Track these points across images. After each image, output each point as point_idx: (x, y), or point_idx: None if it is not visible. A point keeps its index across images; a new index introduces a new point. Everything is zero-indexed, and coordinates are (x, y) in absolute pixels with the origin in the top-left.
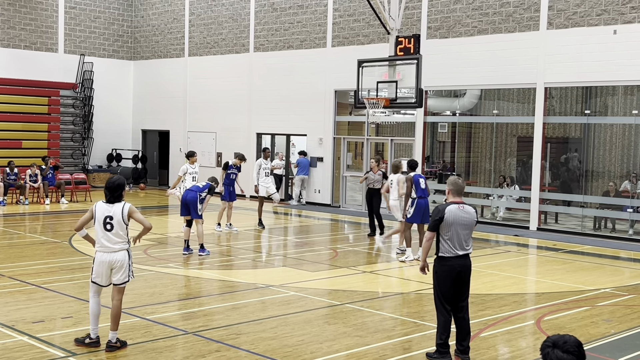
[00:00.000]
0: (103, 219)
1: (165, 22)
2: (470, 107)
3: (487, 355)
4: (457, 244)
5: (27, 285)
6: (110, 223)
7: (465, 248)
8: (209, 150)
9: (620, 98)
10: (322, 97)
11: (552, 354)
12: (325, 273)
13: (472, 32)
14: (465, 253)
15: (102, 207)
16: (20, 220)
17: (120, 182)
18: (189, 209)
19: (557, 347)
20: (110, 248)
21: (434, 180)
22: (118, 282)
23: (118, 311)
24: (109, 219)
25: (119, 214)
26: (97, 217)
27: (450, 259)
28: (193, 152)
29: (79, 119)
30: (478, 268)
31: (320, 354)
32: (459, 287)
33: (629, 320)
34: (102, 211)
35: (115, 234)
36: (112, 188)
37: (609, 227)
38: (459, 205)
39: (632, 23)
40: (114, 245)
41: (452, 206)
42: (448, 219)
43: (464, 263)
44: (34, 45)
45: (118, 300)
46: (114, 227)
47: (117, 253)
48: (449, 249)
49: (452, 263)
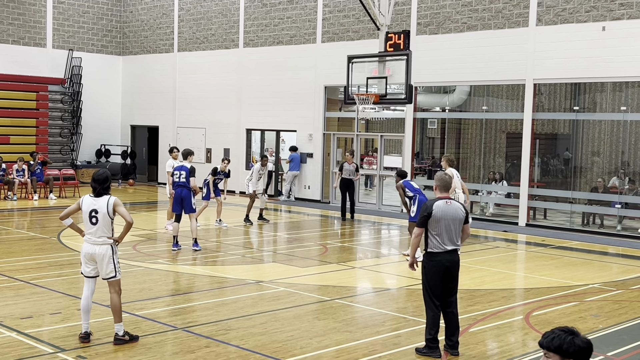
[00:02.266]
0: (89, 212)
1: (155, 17)
2: (460, 103)
3: (476, 350)
4: (446, 240)
5: (15, 281)
6: (95, 217)
7: (455, 243)
8: (199, 145)
9: (609, 94)
10: (312, 93)
11: (577, 340)
12: (314, 269)
13: (462, 28)
14: (453, 248)
15: (88, 201)
16: (9, 216)
17: (106, 175)
18: (183, 204)
19: (574, 334)
20: (95, 241)
21: (423, 176)
22: (106, 276)
23: (115, 304)
24: (94, 212)
25: (104, 207)
26: (84, 210)
27: (438, 255)
28: (172, 149)
29: (68, 115)
30: (467, 264)
31: (310, 349)
32: (447, 282)
33: (617, 315)
34: (88, 205)
35: (99, 228)
36: (100, 180)
37: (597, 222)
38: (446, 201)
39: (620, 20)
40: (98, 238)
41: (440, 202)
42: (436, 214)
43: (452, 258)
44: (22, 40)
45: (114, 294)
46: (99, 221)
47: (101, 246)
48: (438, 245)
49: (441, 258)
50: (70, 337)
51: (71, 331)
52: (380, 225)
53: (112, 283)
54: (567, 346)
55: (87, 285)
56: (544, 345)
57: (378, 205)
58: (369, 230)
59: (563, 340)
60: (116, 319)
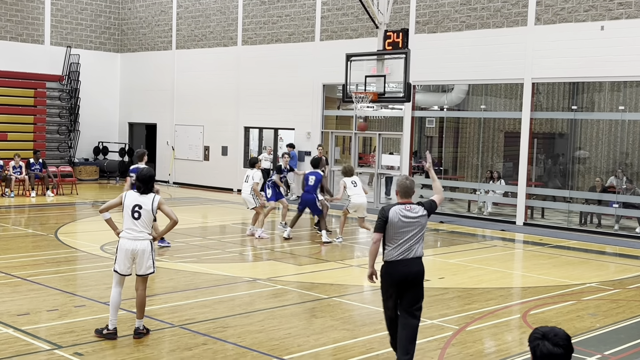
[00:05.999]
0: (132, 207)
1: (153, 15)
2: (458, 102)
3: (473, 349)
4: (403, 247)
5: (12, 277)
6: (138, 212)
7: (414, 252)
8: (197, 143)
9: (607, 94)
10: (310, 91)
11: (542, 345)
12: (312, 267)
13: (460, 27)
14: (414, 257)
15: (133, 196)
16: (6, 212)
17: (151, 174)
18: None
19: (547, 339)
20: (135, 236)
21: (420, 175)
22: (143, 272)
23: (143, 300)
24: (137, 207)
25: (149, 204)
26: (127, 204)
27: (394, 264)
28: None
29: (65, 112)
30: (465, 262)
31: (308, 347)
32: (407, 292)
33: (614, 314)
34: (132, 200)
35: (142, 223)
36: (145, 180)
37: (595, 222)
38: (405, 206)
39: (619, 19)
40: (139, 233)
41: (397, 207)
42: (392, 220)
43: (410, 268)
44: (20, 37)
45: (142, 290)
46: (141, 217)
47: (142, 242)
48: (393, 253)
49: (397, 268)
50: (67, 334)
51: (68, 328)
52: None
53: (145, 279)
54: (534, 348)
55: (119, 283)
56: None
57: (376, 204)
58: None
59: (531, 342)
60: (140, 315)
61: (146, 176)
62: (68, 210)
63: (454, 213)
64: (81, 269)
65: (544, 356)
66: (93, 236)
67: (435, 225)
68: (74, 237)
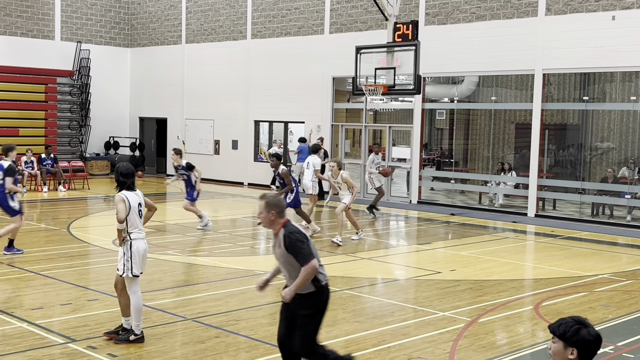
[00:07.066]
0: (137, 206)
1: (162, 9)
2: (468, 94)
3: (485, 341)
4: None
5: (25, 272)
6: (141, 210)
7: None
8: (207, 138)
9: (619, 84)
10: (319, 84)
11: (582, 331)
12: (323, 260)
13: (470, 18)
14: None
15: (132, 196)
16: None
17: (132, 169)
18: None
19: (584, 325)
20: (144, 236)
21: (432, 167)
22: (143, 271)
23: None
24: (139, 205)
25: (143, 199)
26: (133, 206)
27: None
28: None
29: (76, 107)
30: (476, 254)
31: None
32: None
33: (627, 305)
34: (135, 199)
35: (142, 221)
36: (129, 174)
37: (607, 213)
38: None
39: (630, 9)
40: (144, 232)
41: None
42: None
43: None
44: (31, 33)
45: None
46: (142, 215)
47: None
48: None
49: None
50: (81, 327)
51: (81, 322)
52: (389, 216)
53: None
54: (570, 334)
55: (138, 285)
56: (551, 329)
57: (387, 196)
58: (377, 221)
59: (569, 328)
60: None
61: (130, 170)
62: (80, 205)
63: (465, 205)
64: (94, 263)
65: (585, 342)
66: (105, 230)
67: (447, 217)
68: (86, 231)
